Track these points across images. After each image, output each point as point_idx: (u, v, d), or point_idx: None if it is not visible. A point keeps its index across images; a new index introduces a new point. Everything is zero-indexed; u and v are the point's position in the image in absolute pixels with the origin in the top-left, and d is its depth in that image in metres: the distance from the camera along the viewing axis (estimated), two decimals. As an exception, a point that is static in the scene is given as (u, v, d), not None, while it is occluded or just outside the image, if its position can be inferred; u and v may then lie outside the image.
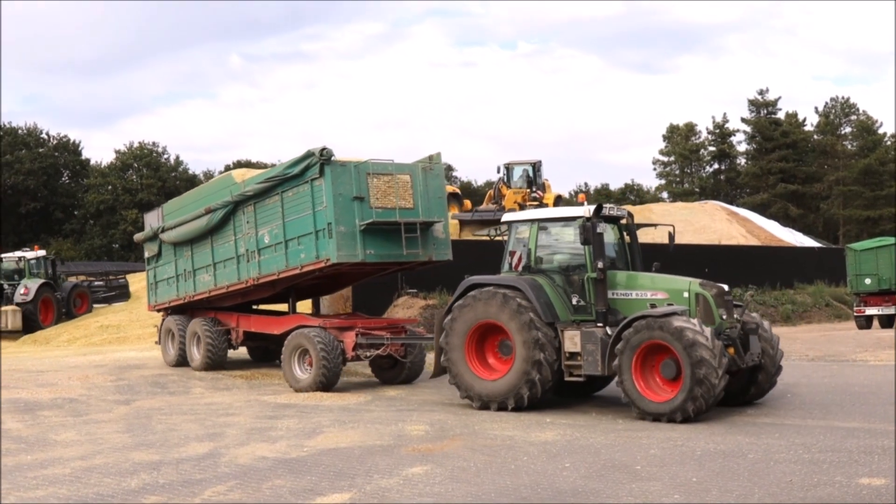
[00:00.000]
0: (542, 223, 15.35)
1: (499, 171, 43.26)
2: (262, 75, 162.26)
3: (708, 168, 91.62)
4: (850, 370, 19.58)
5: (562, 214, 15.57)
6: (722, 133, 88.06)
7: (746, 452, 10.91)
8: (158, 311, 23.43)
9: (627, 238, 15.65)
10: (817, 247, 49.26)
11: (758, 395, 14.84)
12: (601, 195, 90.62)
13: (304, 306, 22.03)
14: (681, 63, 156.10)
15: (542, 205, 43.63)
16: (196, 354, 21.10)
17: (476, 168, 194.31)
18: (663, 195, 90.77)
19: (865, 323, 32.15)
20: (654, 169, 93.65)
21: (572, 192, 66.46)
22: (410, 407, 15.13)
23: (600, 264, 14.29)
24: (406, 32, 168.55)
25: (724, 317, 14.02)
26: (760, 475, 9.74)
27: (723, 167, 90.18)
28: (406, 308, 26.31)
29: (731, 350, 13.64)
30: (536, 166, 44.88)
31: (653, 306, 14.04)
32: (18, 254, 38.01)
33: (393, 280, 26.65)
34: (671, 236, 16.48)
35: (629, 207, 53.93)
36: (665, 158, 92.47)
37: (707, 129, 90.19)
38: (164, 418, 14.44)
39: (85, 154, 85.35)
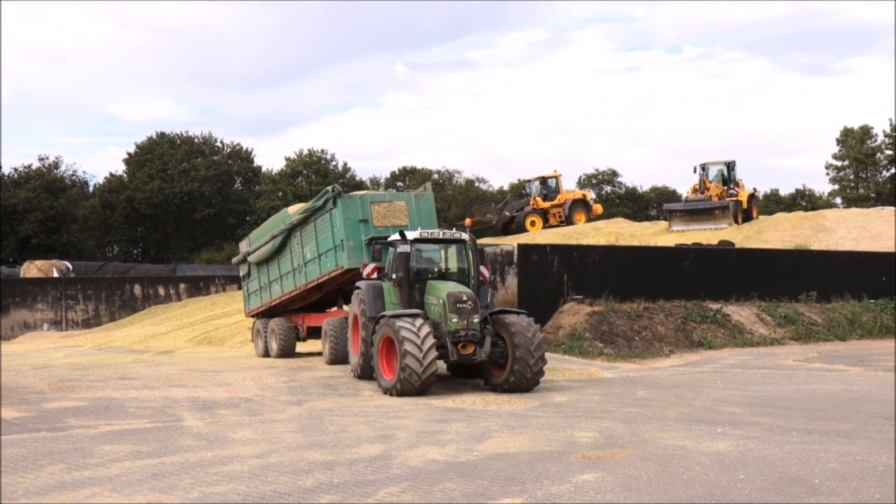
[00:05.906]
0: (392, 244, 19.65)
1: (695, 171, 47.32)
2: (426, 83, 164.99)
3: (885, 172, 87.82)
4: None
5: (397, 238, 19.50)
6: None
7: (934, 470, 10.41)
8: (252, 316, 29.84)
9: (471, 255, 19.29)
10: None
11: (518, 385, 17.63)
12: (770, 201, 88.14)
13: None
14: (854, 64, 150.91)
15: (737, 201, 45.43)
16: (273, 346, 26.95)
17: (640, 174, 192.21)
18: (836, 201, 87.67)
19: None
20: (827, 174, 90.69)
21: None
22: (578, 413, 15.04)
23: (394, 276, 18.86)
24: (569, 38, 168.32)
25: (455, 319, 17.54)
26: (950, 494, 9.28)
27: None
28: (572, 314, 26.22)
29: (462, 346, 17.52)
30: (731, 166, 47.97)
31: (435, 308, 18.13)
32: None
33: (559, 287, 26.92)
34: (509, 254, 21.94)
35: (800, 213, 52.19)
36: (838, 163, 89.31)
37: (884, 131, 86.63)
38: (335, 419, 14.75)
39: (256, 161, 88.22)
